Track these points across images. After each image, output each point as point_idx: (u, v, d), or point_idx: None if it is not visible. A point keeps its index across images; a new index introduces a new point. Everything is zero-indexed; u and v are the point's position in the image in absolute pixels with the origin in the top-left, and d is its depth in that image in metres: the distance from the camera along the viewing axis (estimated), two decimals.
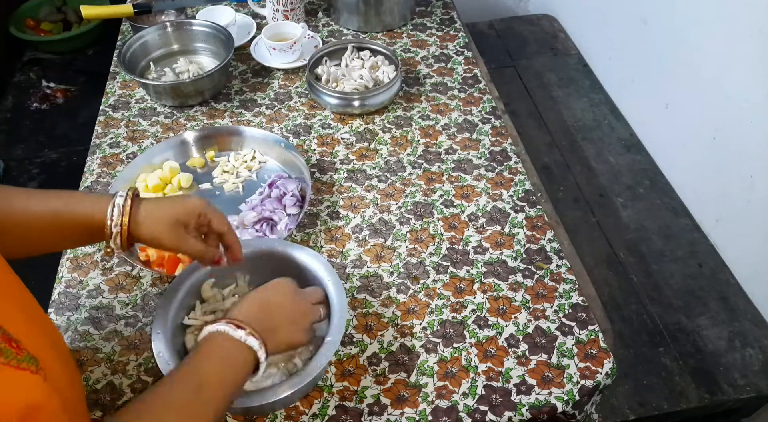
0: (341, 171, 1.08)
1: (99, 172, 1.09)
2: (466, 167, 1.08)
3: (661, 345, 1.17)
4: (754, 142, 1.19)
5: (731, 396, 1.10)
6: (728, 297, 1.24)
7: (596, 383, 0.80)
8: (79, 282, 0.92)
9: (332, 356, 0.72)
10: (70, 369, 0.55)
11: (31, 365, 0.42)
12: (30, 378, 0.42)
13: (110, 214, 0.65)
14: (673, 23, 1.38)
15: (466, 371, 0.81)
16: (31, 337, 0.47)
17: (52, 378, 0.45)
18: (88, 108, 2.01)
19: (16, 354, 0.41)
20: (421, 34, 1.39)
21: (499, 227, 0.98)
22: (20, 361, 0.41)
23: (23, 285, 0.53)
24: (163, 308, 0.75)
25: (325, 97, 1.16)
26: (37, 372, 0.42)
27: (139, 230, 0.67)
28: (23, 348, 0.43)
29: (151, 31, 1.27)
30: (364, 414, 0.77)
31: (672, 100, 1.43)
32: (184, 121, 1.18)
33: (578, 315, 0.87)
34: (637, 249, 1.32)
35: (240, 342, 0.62)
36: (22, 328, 0.46)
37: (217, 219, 0.71)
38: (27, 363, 0.42)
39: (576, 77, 1.73)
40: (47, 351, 0.49)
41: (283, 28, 1.31)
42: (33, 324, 0.51)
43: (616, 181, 1.46)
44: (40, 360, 0.44)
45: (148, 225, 0.67)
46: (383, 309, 0.88)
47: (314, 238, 0.97)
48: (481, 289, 0.90)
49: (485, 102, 1.20)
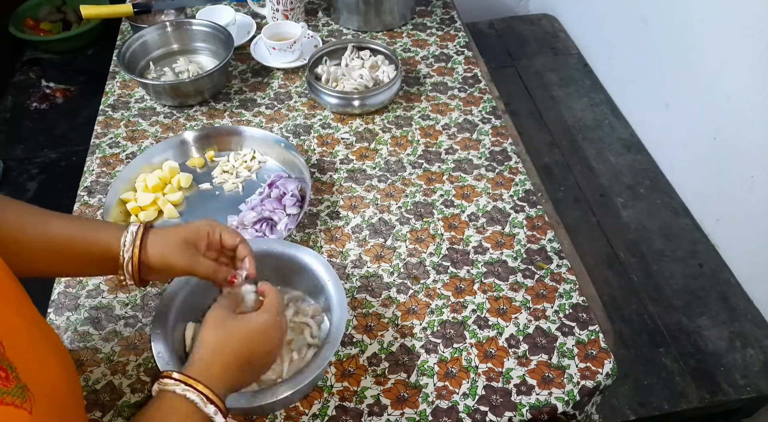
0: (341, 171, 1.07)
1: (98, 171, 1.09)
2: (466, 167, 1.08)
3: (661, 346, 1.16)
4: (754, 141, 1.19)
5: (732, 397, 1.09)
6: (729, 297, 1.24)
7: (597, 383, 0.80)
8: (78, 283, 0.91)
9: (332, 356, 0.72)
10: (68, 372, 0.55)
11: (17, 398, 0.41)
12: (13, 413, 0.40)
13: (123, 242, 0.66)
14: (673, 23, 1.38)
15: (466, 371, 0.81)
16: (30, 349, 0.46)
17: (49, 391, 0.45)
18: (88, 108, 2.00)
19: (2, 386, 0.40)
20: (421, 33, 1.38)
21: (499, 227, 0.98)
22: (4, 394, 0.40)
23: (23, 290, 0.53)
24: (162, 308, 0.75)
25: (325, 96, 1.16)
26: (21, 407, 0.41)
27: (150, 255, 0.67)
28: (13, 377, 0.41)
29: (150, 30, 1.27)
30: (364, 415, 0.77)
31: (672, 99, 1.43)
32: (183, 120, 1.18)
33: (579, 316, 0.87)
34: (638, 249, 1.32)
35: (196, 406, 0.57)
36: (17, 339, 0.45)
37: (228, 234, 0.71)
38: (12, 395, 0.40)
39: (576, 77, 1.73)
40: (47, 360, 0.49)
41: (283, 27, 1.31)
42: (33, 332, 0.50)
43: (616, 180, 1.46)
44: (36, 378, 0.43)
45: (159, 249, 0.67)
46: (383, 309, 0.87)
47: (314, 238, 0.97)
48: (482, 289, 0.90)
49: (485, 102, 1.20)
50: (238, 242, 0.71)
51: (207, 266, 0.68)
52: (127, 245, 0.66)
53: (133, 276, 0.67)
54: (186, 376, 0.58)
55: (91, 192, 1.05)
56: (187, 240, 0.68)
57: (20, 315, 0.49)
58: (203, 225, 0.70)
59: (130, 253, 0.66)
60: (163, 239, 0.68)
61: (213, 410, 0.57)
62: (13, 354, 0.43)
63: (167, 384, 0.58)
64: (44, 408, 0.44)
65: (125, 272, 0.66)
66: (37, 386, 0.44)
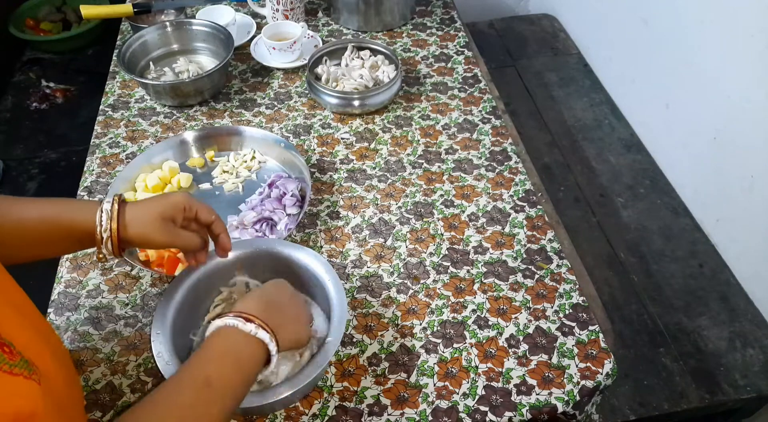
0: (341, 171, 1.07)
1: (98, 171, 1.08)
2: (466, 167, 1.08)
3: (661, 346, 1.16)
4: (754, 141, 1.19)
5: (732, 397, 1.09)
6: (729, 297, 1.24)
7: (597, 383, 0.80)
8: (78, 283, 0.91)
9: (332, 356, 0.72)
10: (67, 371, 0.55)
11: (24, 369, 0.42)
12: (23, 383, 0.41)
13: (99, 220, 0.66)
14: (673, 23, 1.38)
15: (466, 371, 0.81)
16: (25, 340, 0.46)
17: (47, 380, 0.45)
18: (88, 108, 2.00)
19: (8, 358, 0.41)
20: (421, 33, 1.38)
21: (499, 227, 0.98)
22: (13, 366, 0.41)
23: (19, 288, 0.53)
24: (162, 308, 0.75)
25: (325, 96, 1.16)
26: (30, 377, 0.42)
27: (129, 232, 0.67)
28: (16, 352, 0.42)
29: (150, 30, 1.27)
30: (364, 415, 0.77)
31: (672, 99, 1.43)
32: (183, 120, 1.18)
33: (579, 316, 0.87)
34: (638, 249, 1.32)
35: (250, 335, 0.61)
36: (16, 331, 0.45)
37: (204, 210, 0.72)
38: (20, 367, 0.41)
39: (576, 77, 1.73)
40: (43, 354, 0.49)
41: (283, 27, 1.31)
42: (28, 327, 0.50)
43: (616, 180, 1.46)
44: (35, 364, 0.44)
45: (137, 226, 0.67)
46: (383, 309, 0.87)
47: (314, 238, 0.97)
48: (482, 289, 0.90)
49: (485, 102, 1.20)
50: (213, 219, 0.72)
51: (186, 239, 0.70)
52: (104, 224, 0.66)
53: (113, 251, 0.67)
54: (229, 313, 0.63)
55: (91, 192, 1.05)
56: (165, 215, 0.68)
57: (17, 312, 0.50)
58: (180, 200, 0.70)
59: (108, 232, 0.66)
60: (141, 214, 0.68)
61: (267, 336, 0.62)
62: (7, 335, 0.43)
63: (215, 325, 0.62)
64: (48, 384, 0.44)
65: (104, 248, 0.67)
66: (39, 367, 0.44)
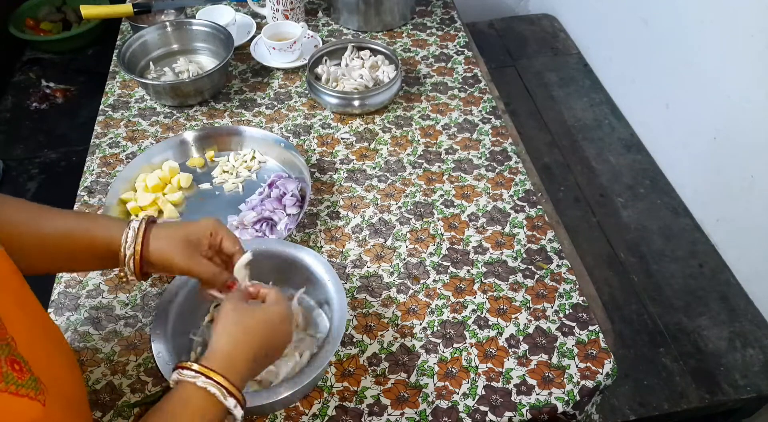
0: (341, 171, 1.07)
1: (98, 171, 1.08)
2: (466, 167, 1.08)
3: (661, 346, 1.16)
4: (754, 141, 1.19)
5: (732, 397, 1.09)
6: (729, 297, 1.24)
7: (597, 383, 0.80)
8: (78, 283, 0.91)
9: (332, 356, 0.72)
10: (73, 370, 0.55)
11: (31, 390, 0.42)
12: (28, 405, 0.41)
13: (125, 238, 0.65)
14: (673, 23, 1.38)
15: (466, 371, 0.81)
16: (37, 345, 0.46)
17: (56, 387, 0.45)
18: (88, 108, 2.00)
19: (17, 377, 0.41)
20: (421, 33, 1.38)
21: (499, 227, 0.98)
22: (19, 386, 0.41)
23: (29, 289, 0.53)
24: (162, 308, 0.75)
25: (325, 96, 1.16)
26: (36, 398, 0.42)
27: (152, 252, 0.66)
28: (26, 369, 0.42)
29: (150, 30, 1.27)
30: (364, 415, 0.77)
31: (672, 99, 1.43)
32: (183, 120, 1.18)
33: (579, 316, 0.87)
34: (638, 249, 1.32)
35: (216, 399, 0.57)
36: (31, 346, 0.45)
37: (229, 239, 0.71)
38: (26, 387, 0.41)
39: (576, 77, 1.73)
40: (53, 356, 0.49)
41: (283, 27, 1.31)
42: (39, 329, 0.50)
43: (616, 180, 1.46)
44: (45, 378, 0.44)
45: (160, 247, 0.66)
46: (383, 309, 0.87)
47: (314, 238, 0.97)
48: (482, 289, 0.90)
49: (485, 102, 1.20)
50: (236, 250, 0.71)
51: (207, 268, 0.68)
52: (129, 241, 0.65)
53: (134, 271, 0.66)
54: (206, 368, 0.57)
55: (91, 192, 1.05)
56: (189, 240, 0.67)
57: (26, 314, 0.50)
58: (208, 226, 0.69)
59: (131, 250, 0.65)
60: (166, 236, 0.67)
61: (233, 403, 0.57)
62: (23, 350, 0.44)
63: (186, 376, 0.57)
64: (54, 402, 0.44)
65: (126, 268, 0.66)
66: (47, 380, 0.44)
